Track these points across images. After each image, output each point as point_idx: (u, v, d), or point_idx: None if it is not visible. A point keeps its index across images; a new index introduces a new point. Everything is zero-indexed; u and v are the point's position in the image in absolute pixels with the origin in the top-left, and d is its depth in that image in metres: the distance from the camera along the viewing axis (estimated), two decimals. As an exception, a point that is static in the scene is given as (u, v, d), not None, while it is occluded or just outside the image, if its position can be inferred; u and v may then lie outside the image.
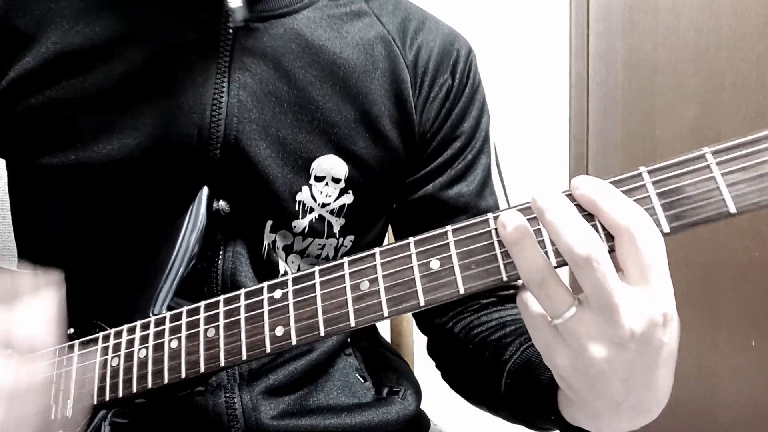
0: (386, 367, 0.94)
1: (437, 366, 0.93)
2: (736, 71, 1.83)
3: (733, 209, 0.51)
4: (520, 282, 0.56)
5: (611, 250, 0.53)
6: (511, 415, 0.77)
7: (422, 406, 0.95)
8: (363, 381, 0.89)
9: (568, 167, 2.18)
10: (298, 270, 0.84)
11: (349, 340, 0.90)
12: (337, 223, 0.83)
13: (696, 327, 1.85)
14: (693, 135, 1.91)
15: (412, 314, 0.94)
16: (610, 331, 0.52)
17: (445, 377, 0.92)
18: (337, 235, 0.84)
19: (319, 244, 0.83)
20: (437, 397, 1.22)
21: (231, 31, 0.78)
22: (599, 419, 0.59)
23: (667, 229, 0.53)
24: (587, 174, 2.09)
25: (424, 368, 1.22)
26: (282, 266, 0.82)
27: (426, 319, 0.93)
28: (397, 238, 0.96)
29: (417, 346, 1.29)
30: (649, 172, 0.54)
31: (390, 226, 0.97)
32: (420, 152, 0.88)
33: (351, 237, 0.86)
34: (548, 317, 0.54)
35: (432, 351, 0.94)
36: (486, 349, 0.80)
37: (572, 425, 0.63)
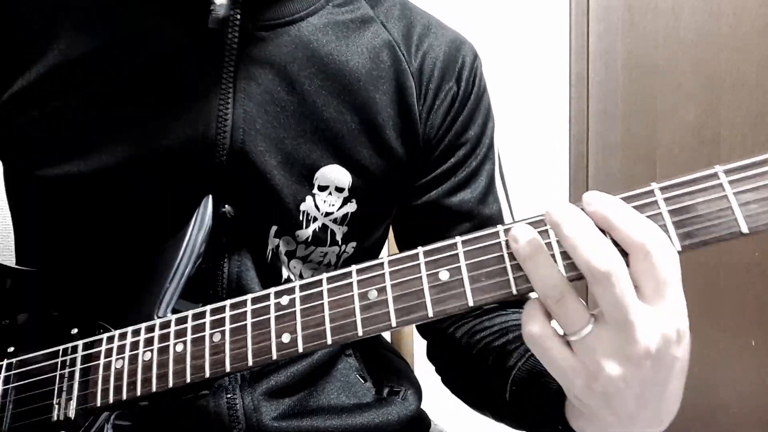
0: (386, 367, 0.94)
1: (437, 371, 0.93)
2: (736, 71, 1.83)
3: (745, 229, 0.51)
4: (534, 295, 0.55)
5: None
6: (516, 423, 0.77)
7: (422, 406, 0.95)
8: (363, 381, 0.90)
9: (568, 167, 2.18)
10: (300, 275, 0.84)
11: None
12: (339, 231, 0.83)
13: (696, 327, 1.85)
14: (693, 135, 1.91)
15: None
16: (627, 348, 0.52)
17: (445, 382, 0.92)
18: (340, 243, 0.84)
19: (322, 252, 0.84)
20: (437, 397, 1.22)
21: (236, 41, 0.77)
22: (609, 431, 0.59)
23: (678, 248, 0.53)
24: (587, 174, 2.11)
25: (425, 368, 1.22)
26: (284, 271, 0.82)
27: (427, 324, 0.93)
28: (399, 243, 0.96)
29: (417, 346, 1.29)
30: (661, 189, 0.54)
31: (392, 231, 0.97)
32: (424, 159, 0.87)
33: (353, 243, 0.86)
34: (560, 340, 0.54)
35: (432, 355, 0.95)
36: (489, 355, 0.80)
37: None
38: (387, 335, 1.24)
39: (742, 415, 1.84)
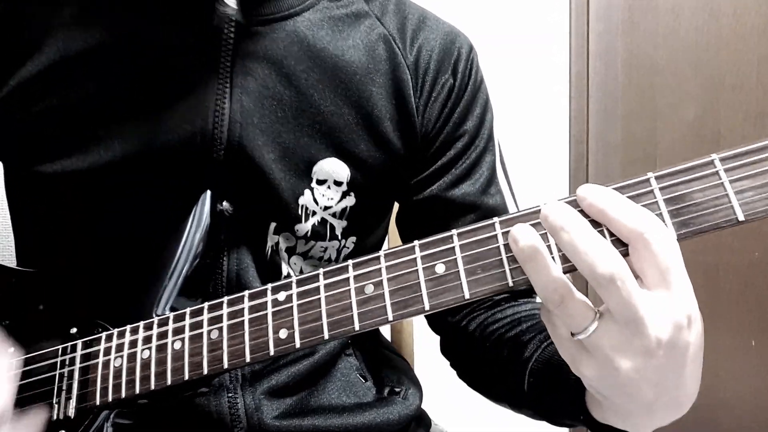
0: (387, 366, 0.94)
1: (452, 365, 0.93)
2: (736, 71, 1.83)
3: (741, 217, 0.51)
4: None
5: (624, 255, 0.52)
6: (536, 413, 0.76)
7: (423, 406, 0.95)
8: (364, 381, 0.90)
9: (568, 167, 2.17)
10: (301, 272, 0.84)
11: (350, 340, 0.90)
12: (339, 226, 0.83)
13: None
14: (693, 135, 1.91)
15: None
16: (637, 341, 0.51)
17: (461, 376, 0.91)
18: (339, 237, 0.84)
19: (322, 247, 0.84)
20: (438, 396, 1.22)
21: (232, 36, 0.78)
22: (631, 419, 0.59)
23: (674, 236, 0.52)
24: (587, 174, 2.10)
25: (424, 367, 1.22)
26: (285, 268, 0.82)
27: (438, 319, 0.92)
28: (404, 238, 0.96)
29: (417, 345, 1.29)
30: (657, 177, 0.53)
31: (396, 226, 0.97)
32: (423, 152, 0.87)
33: (353, 238, 0.86)
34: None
35: (446, 350, 0.94)
36: (504, 347, 0.80)
37: (602, 423, 0.63)
38: (387, 335, 1.24)
39: (743, 415, 1.83)
